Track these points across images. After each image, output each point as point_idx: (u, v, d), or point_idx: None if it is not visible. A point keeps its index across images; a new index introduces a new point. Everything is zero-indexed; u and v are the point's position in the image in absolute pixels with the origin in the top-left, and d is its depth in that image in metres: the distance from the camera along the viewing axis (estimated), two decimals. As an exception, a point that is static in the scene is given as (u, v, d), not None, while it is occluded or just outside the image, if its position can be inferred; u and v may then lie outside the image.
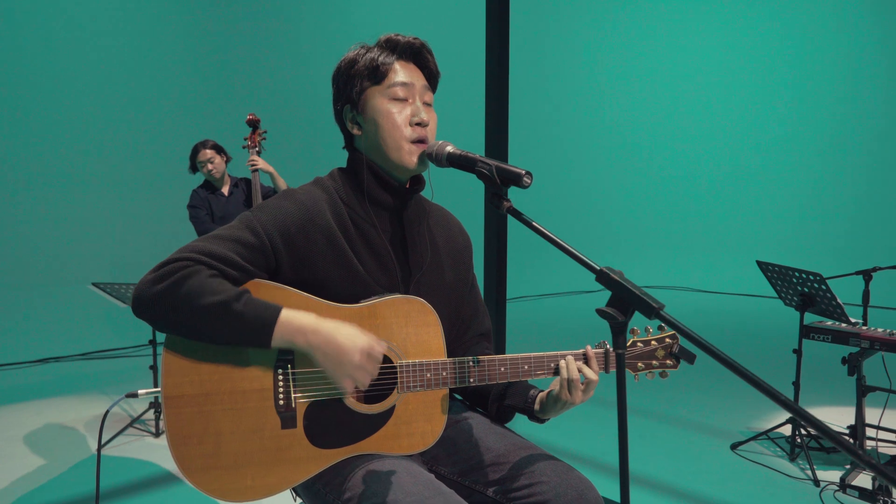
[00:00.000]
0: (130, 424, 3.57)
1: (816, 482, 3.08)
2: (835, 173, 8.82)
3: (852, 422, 3.49)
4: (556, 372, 1.40)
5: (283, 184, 4.12)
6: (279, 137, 4.60)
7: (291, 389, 1.28)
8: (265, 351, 1.26)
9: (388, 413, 1.33)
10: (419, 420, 1.34)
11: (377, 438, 1.32)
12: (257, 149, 4.00)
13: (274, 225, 1.31)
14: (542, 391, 1.47)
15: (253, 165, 3.97)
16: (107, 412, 1.37)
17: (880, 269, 3.40)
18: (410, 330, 1.34)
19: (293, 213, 1.33)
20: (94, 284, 3.41)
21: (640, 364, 1.48)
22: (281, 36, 7.92)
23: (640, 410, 4.09)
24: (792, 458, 3.36)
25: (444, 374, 1.35)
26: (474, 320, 1.59)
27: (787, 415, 3.54)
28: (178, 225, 4.74)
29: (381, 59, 1.37)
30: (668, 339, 1.51)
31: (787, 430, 3.60)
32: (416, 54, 1.40)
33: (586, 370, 1.38)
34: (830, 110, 8.86)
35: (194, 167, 4.16)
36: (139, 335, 5.50)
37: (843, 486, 3.01)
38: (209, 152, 4.09)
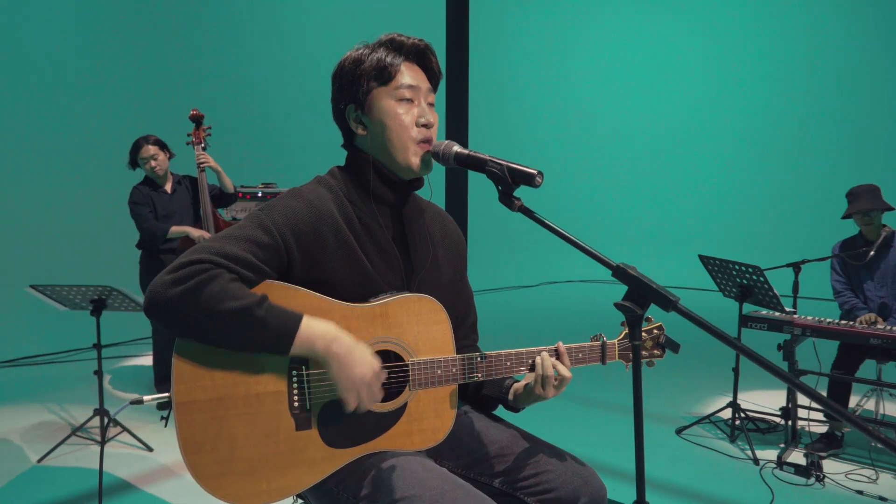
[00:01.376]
0: (73, 433, 3.38)
1: (756, 461, 3.30)
2: (769, 173, 9.35)
3: (783, 404, 3.75)
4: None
5: (229, 183, 4.00)
6: (220, 134, 4.43)
7: (306, 391, 1.27)
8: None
9: (401, 410, 1.34)
10: (430, 416, 1.36)
11: (390, 436, 1.33)
12: (202, 145, 3.86)
13: (286, 224, 1.29)
14: (517, 381, 1.52)
15: (204, 163, 3.83)
16: (111, 420, 1.31)
17: (808, 261, 3.65)
18: (421, 328, 1.36)
19: (303, 211, 1.32)
20: (32, 287, 3.21)
21: (630, 355, 1.55)
22: (223, 29, 7.66)
23: (588, 399, 4.25)
24: (732, 439, 3.58)
25: (454, 370, 1.37)
26: (467, 314, 1.63)
27: (727, 399, 3.76)
28: (120, 223, 4.52)
29: (388, 59, 1.37)
30: (655, 331, 1.59)
31: (726, 413, 3.83)
32: (421, 56, 1.42)
33: (560, 367, 1.43)
34: (777, 116, 9.36)
35: (135, 163, 3.97)
36: (79, 339, 5.20)
37: (780, 463, 3.24)
38: (152, 148, 3.91)
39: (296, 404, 1.26)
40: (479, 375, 1.40)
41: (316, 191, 1.37)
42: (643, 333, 1.58)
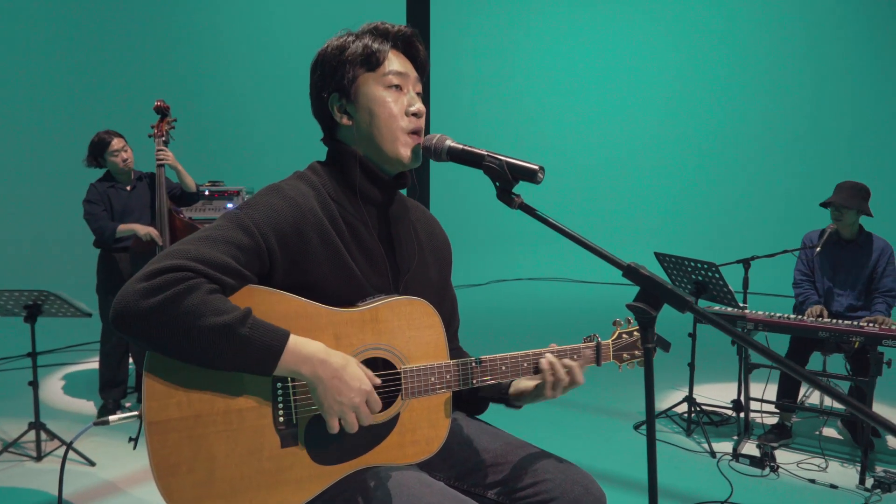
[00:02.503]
0: (5, 449, 3.12)
1: (713, 454, 3.36)
2: (719, 172, 9.60)
3: (734, 396, 3.85)
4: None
5: (190, 182, 3.80)
6: (179, 129, 4.17)
7: (292, 404, 1.17)
8: None
9: (393, 422, 1.26)
10: (424, 426, 1.29)
11: (382, 449, 1.25)
12: (164, 138, 3.65)
13: (267, 223, 1.19)
14: (518, 379, 1.46)
15: (164, 160, 3.63)
16: (70, 443, 1.17)
17: (758, 257, 3.75)
18: (413, 333, 1.28)
19: (285, 210, 1.21)
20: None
21: (625, 355, 1.52)
22: (180, 20, 7.31)
23: (562, 401, 4.23)
24: (688, 433, 3.64)
25: (448, 376, 1.30)
26: (451, 319, 1.56)
27: (682, 393, 3.83)
28: (68, 224, 4.21)
29: (374, 45, 1.29)
30: (644, 330, 1.56)
31: (681, 407, 3.89)
32: (408, 43, 1.34)
33: (576, 373, 1.38)
34: (738, 120, 9.58)
35: (95, 160, 3.75)
36: (12, 347, 4.81)
37: (736, 455, 3.32)
38: (120, 141, 3.71)
39: (281, 419, 1.16)
40: (476, 382, 1.33)
41: (297, 187, 1.27)
42: (635, 332, 1.55)
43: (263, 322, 1.12)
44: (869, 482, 3.00)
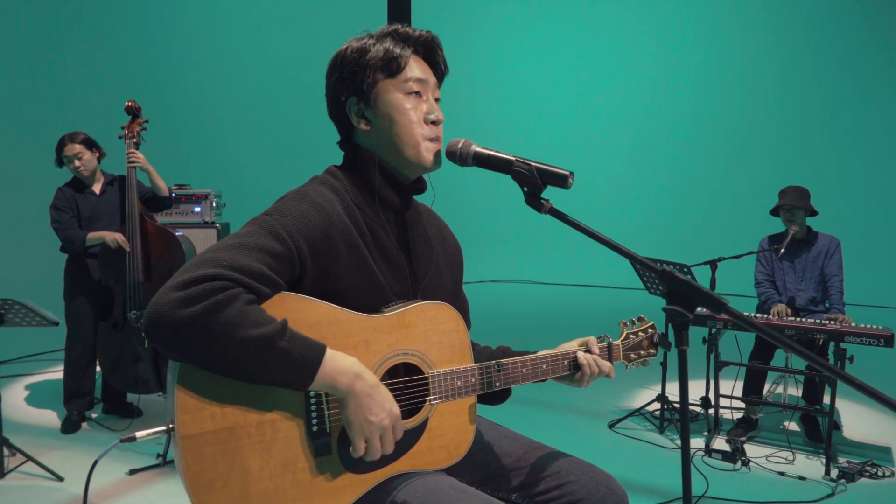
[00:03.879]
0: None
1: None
2: (689, 178, 9.83)
3: (703, 393, 3.97)
4: (571, 368, 1.43)
5: (162, 185, 3.67)
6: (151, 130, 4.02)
7: (326, 412, 1.15)
8: None
9: (422, 427, 1.25)
10: (451, 431, 1.29)
11: (413, 455, 1.24)
12: (135, 140, 3.53)
13: (298, 230, 1.17)
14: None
15: (134, 163, 3.50)
16: (95, 462, 1.12)
17: (724, 258, 3.87)
18: (438, 337, 1.28)
19: (315, 216, 1.20)
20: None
21: (632, 355, 1.56)
22: (159, 19, 7.06)
23: (521, 399, 4.27)
24: (661, 430, 3.74)
25: (473, 380, 1.31)
26: (466, 321, 1.56)
27: (653, 392, 3.92)
28: (36, 228, 4.00)
29: (396, 50, 1.28)
30: (649, 330, 1.60)
31: (654, 406, 3.99)
32: (429, 49, 1.34)
33: (602, 364, 1.46)
34: (710, 124, 9.82)
35: (60, 161, 3.60)
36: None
37: (708, 450, 3.42)
38: (77, 147, 3.55)
39: (314, 428, 1.14)
40: (498, 385, 1.34)
41: (322, 193, 1.25)
42: (640, 333, 1.58)
43: (300, 335, 1.10)
44: (834, 473, 3.14)
